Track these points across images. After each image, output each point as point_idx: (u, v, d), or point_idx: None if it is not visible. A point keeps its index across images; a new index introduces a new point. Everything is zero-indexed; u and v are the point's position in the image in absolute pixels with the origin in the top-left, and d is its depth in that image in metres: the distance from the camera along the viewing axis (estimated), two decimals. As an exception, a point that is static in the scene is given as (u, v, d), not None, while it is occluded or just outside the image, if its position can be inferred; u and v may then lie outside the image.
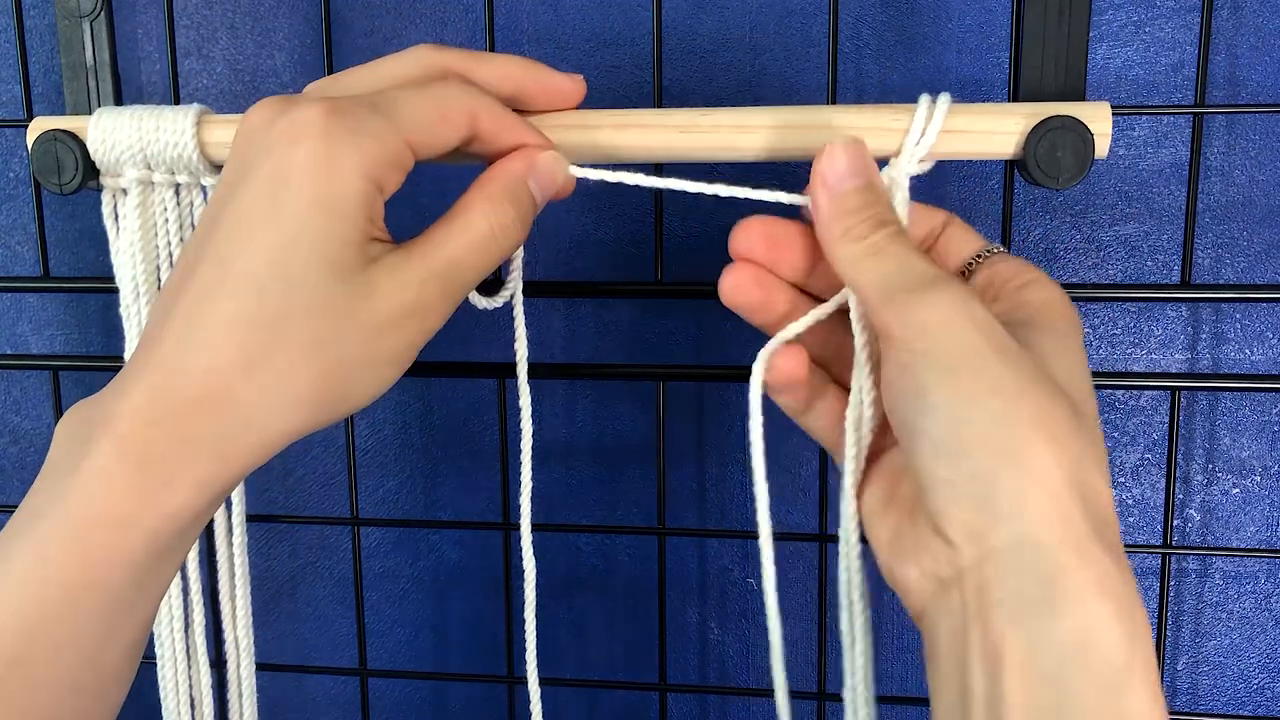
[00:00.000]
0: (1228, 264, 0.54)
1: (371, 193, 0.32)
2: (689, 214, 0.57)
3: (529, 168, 0.36)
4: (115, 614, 0.31)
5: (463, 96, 0.34)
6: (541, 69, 0.37)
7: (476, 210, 0.34)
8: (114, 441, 0.30)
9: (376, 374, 0.33)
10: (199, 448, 0.31)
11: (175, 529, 0.31)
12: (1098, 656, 0.27)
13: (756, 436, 0.36)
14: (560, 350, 0.59)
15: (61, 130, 0.42)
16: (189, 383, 0.30)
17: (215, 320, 0.31)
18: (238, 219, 0.31)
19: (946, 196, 0.54)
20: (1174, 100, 0.52)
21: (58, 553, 0.30)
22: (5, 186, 0.62)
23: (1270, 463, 0.55)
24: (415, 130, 0.33)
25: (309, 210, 0.31)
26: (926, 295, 0.31)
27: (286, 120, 0.31)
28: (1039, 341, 0.32)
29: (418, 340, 0.33)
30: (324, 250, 0.31)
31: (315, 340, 0.31)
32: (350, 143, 0.31)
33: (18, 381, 0.64)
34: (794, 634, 0.60)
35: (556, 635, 0.62)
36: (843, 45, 0.54)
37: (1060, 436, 0.29)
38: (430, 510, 0.62)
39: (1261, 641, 0.56)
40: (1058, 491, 0.28)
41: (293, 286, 0.31)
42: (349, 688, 0.65)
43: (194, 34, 0.59)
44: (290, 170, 0.31)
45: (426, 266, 0.33)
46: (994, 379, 0.30)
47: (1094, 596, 0.28)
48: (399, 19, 0.57)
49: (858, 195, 0.34)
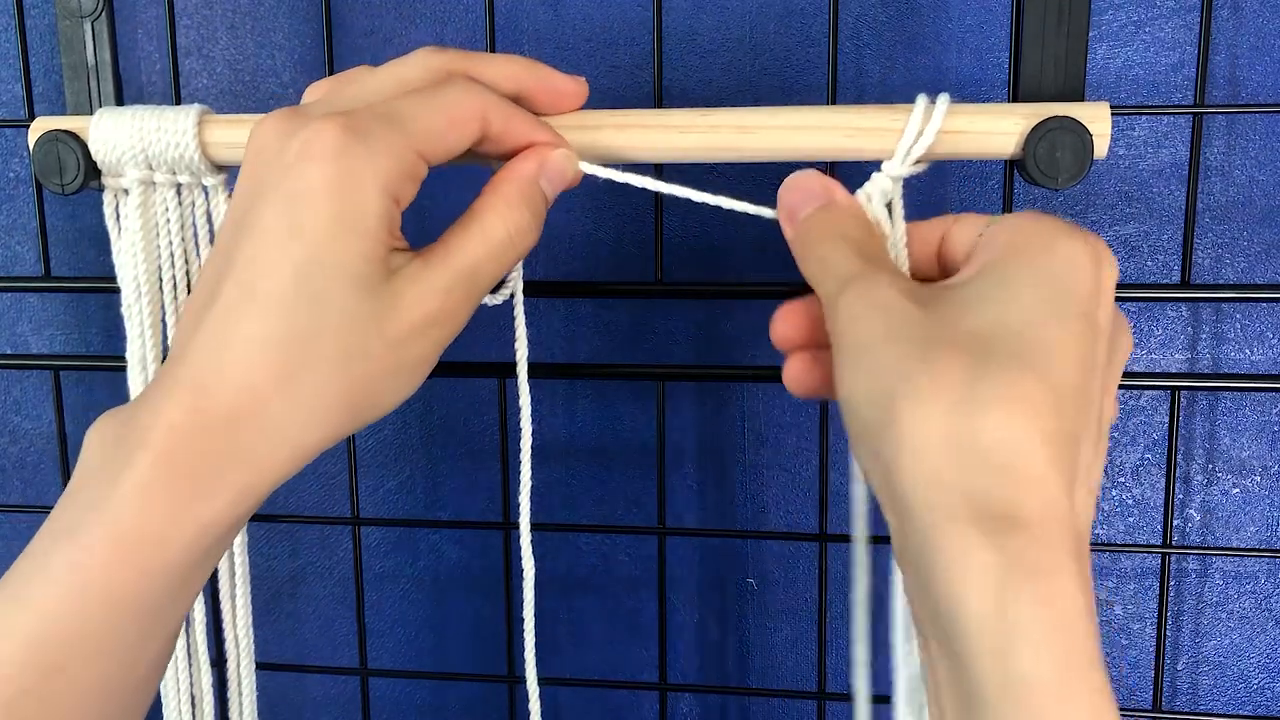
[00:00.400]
0: (1228, 264, 0.54)
1: (390, 207, 0.32)
2: (689, 214, 0.57)
3: (540, 168, 0.36)
4: (151, 623, 0.32)
5: (471, 99, 0.34)
6: (544, 70, 0.37)
7: (494, 215, 0.34)
8: (152, 457, 0.30)
9: (403, 381, 0.33)
10: (235, 462, 0.31)
11: (211, 540, 0.32)
12: (967, 618, 0.26)
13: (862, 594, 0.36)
14: (560, 350, 0.59)
15: (63, 130, 0.42)
16: (223, 400, 0.31)
17: (245, 339, 0.31)
18: (258, 239, 0.31)
19: (946, 196, 0.54)
20: (1174, 100, 0.52)
21: (98, 565, 0.30)
22: (6, 186, 0.62)
23: (1270, 463, 0.55)
24: (427, 140, 0.33)
25: (331, 230, 0.31)
26: (841, 296, 0.31)
27: (301, 138, 0.32)
28: (968, 293, 0.30)
29: (441, 345, 0.34)
30: (348, 268, 0.31)
31: (345, 355, 0.31)
32: (367, 161, 0.31)
33: (18, 381, 0.64)
34: (794, 633, 0.60)
35: (556, 635, 0.62)
36: (843, 45, 0.54)
37: (931, 392, 0.27)
38: (430, 510, 0.62)
39: (1261, 641, 0.56)
40: (926, 452, 0.27)
41: (320, 305, 0.31)
42: (349, 688, 0.65)
43: (194, 34, 0.59)
44: (309, 190, 0.31)
45: (449, 274, 0.33)
46: (876, 360, 0.29)
47: (948, 559, 0.26)
48: (399, 19, 0.57)
49: (812, 219, 0.34)
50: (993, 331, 0.28)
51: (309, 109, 0.34)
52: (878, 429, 0.28)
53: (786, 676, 0.60)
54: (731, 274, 0.57)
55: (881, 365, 0.29)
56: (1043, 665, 0.25)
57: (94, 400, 0.63)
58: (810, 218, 0.35)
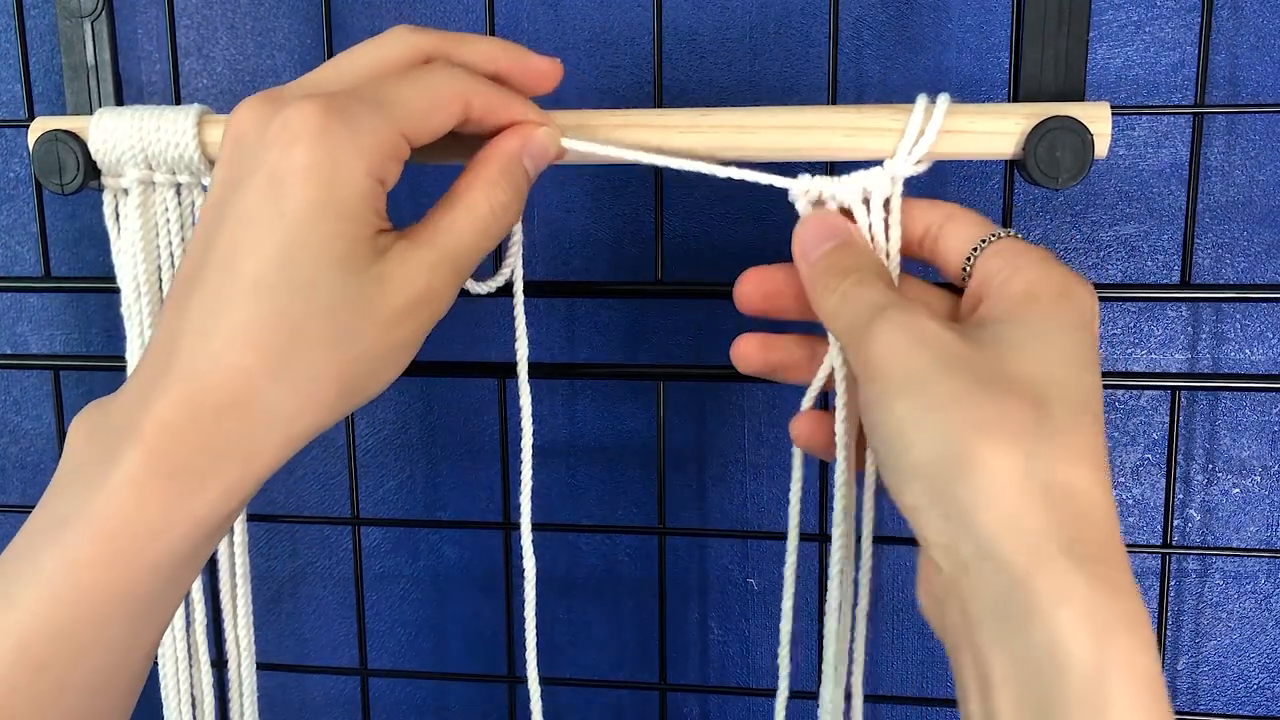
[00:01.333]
0: (1228, 264, 0.54)
1: (374, 188, 0.32)
2: (689, 214, 0.57)
3: (523, 145, 0.36)
4: (143, 619, 0.31)
5: (453, 81, 0.34)
6: (520, 50, 0.37)
7: (478, 192, 0.34)
8: (142, 453, 0.30)
9: (392, 361, 0.33)
10: (227, 453, 0.31)
11: (203, 535, 0.31)
12: (1069, 665, 0.27)
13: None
14: (560, 350, 0.59)
15: (63, 130, 0.42)
16: (215, 389, 0.30)
17: (232, 325, 0.31)
18: (240, 223, 0.31)
19: (946, 197, 0.54)
20: (1174, 100, 0.52)
21: (88, 562, 0.30)
22: (6, 186, 0.62)
23: (1270, 463, 0.55)
24: (410, 120, 0.33)
25: (315, 212, 0.31)
26: (872, 328, 0.31)
27: (281, 120, 0.31)
28: (1005, 336, 0.31)
29: (429, 324, 0.34)
30: (334, 250, 0.31)
31: (335, 337, 0.31)
32: (350, 141, 0.31)
33: (18, 381, 0.64)
34: (795, 633, 0.60)
35: (556, 635, 0.62)
36: (843, 45, 0.54)
37: (1009, 436, 0.28)
38: (430, 510, 0.62)
39: (1261, 641, 0.56)
40: (1010, 495, 0.28)
41: (307, 288, 0.31)
42: (349, 688, 0.65)
43: (194, 34, 0.59)
44: (291, 172, 0.31)
45: (435, 253, 0.33)
46: (935, 394, 0.29)
47: (1050, 604, 0.27)
48: (399, 19, 0.57)
49: (829, 256, 0.35)
50: (1046, 379, 0.30)
51: (287, 91, 0.33)
52: (949, 465, 0.29)
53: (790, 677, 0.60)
54: (731, 274, 0.57)
55: (943, 399, 0.29)
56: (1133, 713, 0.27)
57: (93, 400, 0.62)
58: (828, 253, 0.35)
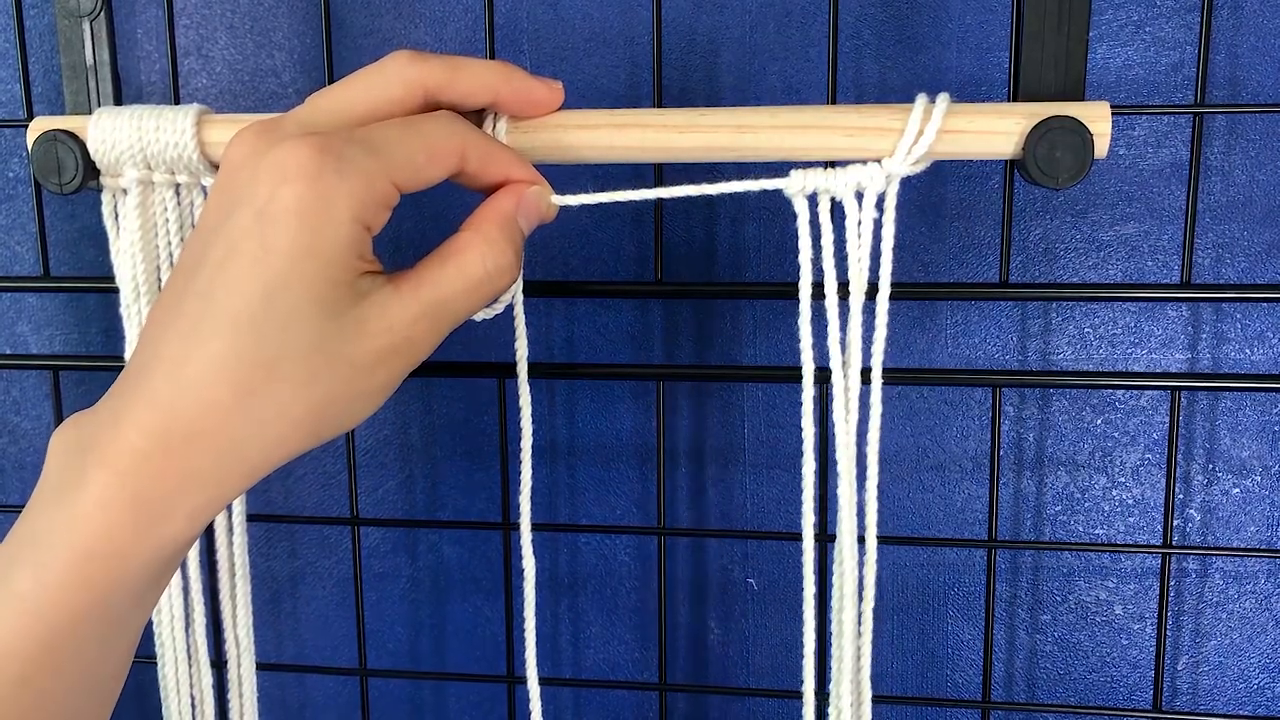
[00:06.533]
0: (1228, 264, 0.54)
1: (360, 234, 0.32)
2: (689, 214, 0.57)
3: (517, 205, 0.36)
4: (114, 631, 0.32)
5: (452, 136, 0.34)
6: (520, 76, 0.37)
7: (474, 252, 0.34)
8: (111, 476, 0.31)
9: (364, 404, 0.33)
10: (193, 481, 0.31)
11: (170, 554, 0.32)
12: None
13: None
14: (560, 350, 0.59)
15: (61, 130, 0.42)
16: (184, 418, 0.31)
17: (207, 357, 0.31)
18: (226, 256, 0.31)
19: (946, 196, 0.54)
20: (1174, 100, 0.52)
21: (59, 581, 0.31)
22: (5, 186, 0.62)
23: (1270, 463, 0.55)
24: (404, 171, 0.33)
25: (299, 254, 0.31)
26: None
27: (274, 157, 0.31)
28: None
29: (405, 371, 0.34)
30: (315, 292, 0.31)
31: (307, 377, 0.31)
32: (339, 186, 0.31)
33: (18, 381, 0.64)
34: (795, 633, 0.60)
35: (556, 635, 0.62)
36: (843, 45, 0.54)
37: None
38: (430, 510, 0.62)
39: (1261, 641, 0.56)
40: None
41: (285, 327, 0.31)
42: (349, 688, 0.65)
43: (194, 34, 0.59)
44: (279, 211, 0.31)
45: (418, 305, 0.33)
46: None
47: None
48: (399, 19, 0.57)
49: None
50: None
51: (285, 125, 0.33)
52: None
53: (786, 676, 0.60)
54: (731, 274, 0.57)
55: None
56: None
57: (93, 400, 0.62)
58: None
